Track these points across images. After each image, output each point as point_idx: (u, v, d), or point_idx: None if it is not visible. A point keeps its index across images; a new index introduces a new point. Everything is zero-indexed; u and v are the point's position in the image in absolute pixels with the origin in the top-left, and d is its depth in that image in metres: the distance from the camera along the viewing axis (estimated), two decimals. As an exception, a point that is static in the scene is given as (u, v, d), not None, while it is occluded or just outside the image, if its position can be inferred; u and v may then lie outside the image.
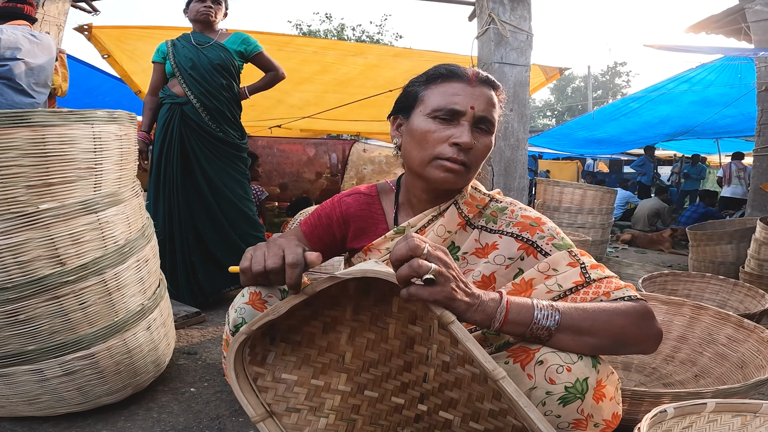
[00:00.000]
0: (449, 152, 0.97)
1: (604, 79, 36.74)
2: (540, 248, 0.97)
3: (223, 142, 2.59)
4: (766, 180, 4.58)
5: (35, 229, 1.23)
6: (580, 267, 0.93)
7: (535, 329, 0.78)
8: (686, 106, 7.02)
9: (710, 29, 5.25)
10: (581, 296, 0.89)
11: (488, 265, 0.98)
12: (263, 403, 0.82)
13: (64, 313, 1.31)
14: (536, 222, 1.00)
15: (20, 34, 2.66)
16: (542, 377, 0.77)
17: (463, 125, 0.96)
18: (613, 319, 0.82)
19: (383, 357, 0.87)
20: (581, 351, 0.79)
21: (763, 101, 4.67)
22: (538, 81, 5.54)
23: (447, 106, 0.97)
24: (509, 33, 3.30)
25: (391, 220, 1.11)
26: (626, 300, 0.88)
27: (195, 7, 2.58)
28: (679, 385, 1.62)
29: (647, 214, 7.04)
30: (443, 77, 1.00)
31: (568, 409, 0.76)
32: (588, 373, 0.78)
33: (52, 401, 1.38)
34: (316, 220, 1.15)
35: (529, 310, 0.78)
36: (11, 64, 2.60)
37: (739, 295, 2.51)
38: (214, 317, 2.48)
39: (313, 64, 4.99)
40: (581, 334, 0.79)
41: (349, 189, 1.19)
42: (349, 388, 0.88)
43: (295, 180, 6.97)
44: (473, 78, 1.00)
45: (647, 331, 0.86)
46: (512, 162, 3.47)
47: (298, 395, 0.85)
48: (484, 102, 0.98)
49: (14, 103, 2.63)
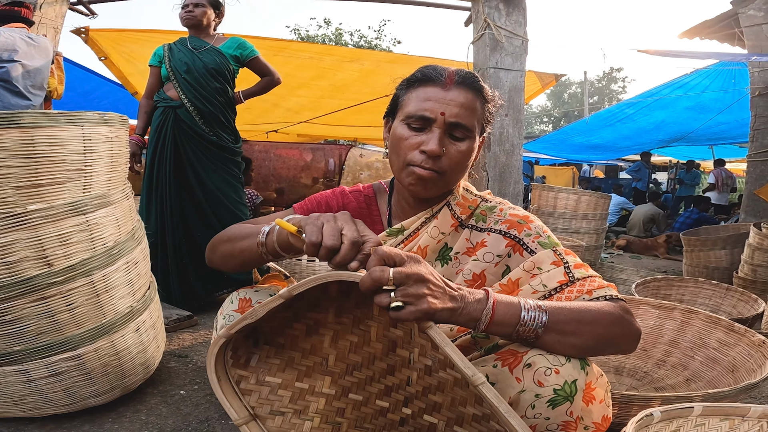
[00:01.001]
0: (418, 159, 0.95)
1: (600, 85, 36.95)
2: (526, 246, 0.97)
3: (216, 146, 2.59)
4: (759, 186, 4.60)
5: (23, 229, 1.22)
6: (564, 266, 0.93)
7: (521, 330, 0.77)
8: (681, 111, 7.07)
9: (704, 34, 5.29)
10: (566, 295, 0.90)
11: (477, 262, 0.98)
12: (246, 406, 0.81)
13: (52, 314, 1.31)
14: (524, 220, 1.00)
15: (17, 37, 2.66)
16: (531, 380, 0.77)
17: (434, 132, 0.94)
18: (597, 319, 0.82)
19: (366, 360, 0.86)
20: (566, 352, 0.79)
21: (756, 106, 4.68)
22: (535, 88, 5.56)
23: (417, 112, 0.95)
24: (504, 38, 3.32)
25: (385, 221, 1.11)
26: (606, 299, 0.88)
27: (180, 13, 2.61)
28: (670, 389, 1.61)
29: (642, 220, 7.06)
30: (419, 81, 0.99)
31: (557, 412, 0.76)
32: (576, 375, 0.78)
33: (39, 402, 1.37)
34: (314, 205, 1.11)
35: (516, 311, 0.77)
36: (8, 66, 2.60)
37: (732, 299, 2.51)
38: (206, 321, 2.47)
39: (309, 69, 5.00)
40: (566, 335, 0.79)
41: (351, 186, 1.17)
42: (334, 391, 0.87)
43: (291, 185, 6.98)
44: (449, 81, 0.96)
45: (628, 331, 0.86)
46: (507, 167, 3.48)
47: (282, 398, 0.84)
48: (456, 107, 0.94)
49: (10, 106, 2.62)
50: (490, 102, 1.02)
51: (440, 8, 3.91)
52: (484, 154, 3.44)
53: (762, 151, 4.63)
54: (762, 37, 4.46)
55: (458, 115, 0.94)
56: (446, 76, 0.97)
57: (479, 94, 0.99)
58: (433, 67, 1.00)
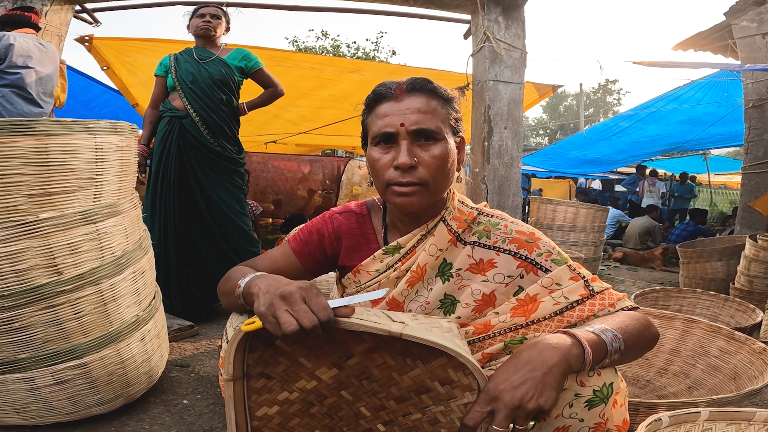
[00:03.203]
0: (395, 176, 0.95)
1: (596, 97, 37.29)
2: (540, 265, 0.98)
3: (220, 157, 2.61)
4: (755, 198, 4.62)
5: (34, 238, 1.23)
6: (583, 280, 0.96)
7: (607, 363, 0.81)
8: (675, 125, 7.15)
9: (698, 46, 5.33)
10: (588, 307, 0.93)
11: (487, 283, 0.98)
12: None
13: (59, 322, 1.31)
14: (531, 238, 1.01)
15: (31, 43, 2.67)
16: (573, 379, 0.78)
17: (401, 145, 0.94)
18: (643, 335, 0.87)
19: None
20: (619, 365, 0.84)
21: (750, 118, 4.70)
22: (531, 98, 5.63)
23: (380, 131, 0.95)
24: (504, 51, 3.37)
25: (381, 239, 1.10)
26: (628, 310, 0.93)
27: (195, 22, 2.63)
28: (672, 396, 1.63)
29: (638, 233, 7.11)
30: (374, 101, 0.99)
31: (593, 413, 0.77)
32: (613, 379, 0.80)
33: (42, 410, 1.37)
34: (306, 236, 1.11)
35: (603, 346, 0.80)
36: (23, 73, 2.60)
37: (730, 309, 2.54)
38: (207, 330, 2.46)
39: (310, 79, 5.05)
40: (625, 355, 0.83)
41: (340, 206, 1.16)
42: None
43: (289, 197, 6.96)
44: (399, 92, 0.96)
45: (654, 336, 0.91)
46: (506, 180, 3.50)
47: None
48: (413, 114, 0.94)
49: (23, 113, 2.61)
50: (450, 100, 1.01)
51: (440, 21, 3.96)
52: (483, 167, 3.47)
53: (756, 163, 4.65)
54: (755, 48, 4.51)
55: (418, 121, 0.94)
56: (396, 88, 0.97)
57: (434, 95, 0.98)
58: (384, 83, 1.00)
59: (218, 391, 1.76)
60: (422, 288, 1.01)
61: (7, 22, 2.72)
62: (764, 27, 4.43)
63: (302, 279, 1.10)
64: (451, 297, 1.00)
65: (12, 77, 2.57)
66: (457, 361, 0.73)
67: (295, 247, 1.10)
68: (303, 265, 1.09)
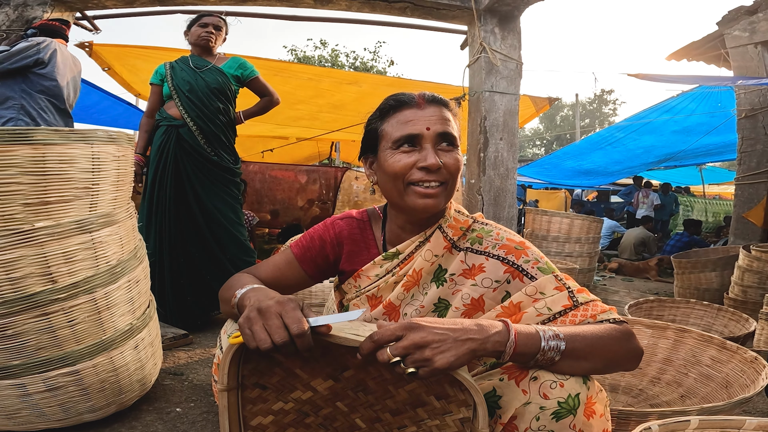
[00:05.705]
0: (418, 176, 0.99)
1: (592, 108, 37.52)
2: (526, 272, 1.00)
3: (217, 166, 2.62)
4: (748, 208, 4.64)
5: (29, 246, 1.24)
6: (567, 291, 0.96)
7: (540, 359, 0.81)
8: (669, 135, 7.20)
9: (691, 56, 5.36)
10: (570, 318, 0.92)
11: (476, 287, 1.00)
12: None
13: (52, 329, 1.31)
14: (520, 246, 1.03)
15: (68, 55, 2.72)
16: (536, 392, 0.80)
17: (426, 148, 0.99)
18: (607, 344, 0.86)
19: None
20: (577, 374, 0.83)
21: (743, 128, 4.71)
22: (529, 113, 5.67)
23: (405, 134, 0.99)
24: (500, 61, 3.40)
25: (380, 246, 1.14)
26: (610, 322, 0.92)
27: (197, 31, 2.62)
28: (665, 405, 1.63)
29: (633, 243, 7.14)
30: (394, 108, 1.03)
31: (561, 425, 0.78)
32: (579, 389, 0.80)
33: (32, 416, 1.37)
34: (308, 242, 1.14)
35: (536, 341, 0.80)
36: (61, 83, 2.62)
37: (724, 319, 2.55)
38: (201, 339, 2.46)
39: (308, 89, 5.09)
40: (579, 360, 0.83)
41: (341, 213, 1.20)
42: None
43: (286, 207, 6.96)
44: (421, 101, 1.02)
45: (633, 352, 0.90)
46: (502, 191, 3.51)
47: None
48: (438, 120, 1.00)
49: (57, 124, 2.63)
50: (456, 115, 1.08)
51: (437, 32, 4.00)
52: (479, 178, 3.49)
53: (750, 174, 4.67)
54: (747, 58, 4.53)
55: (442, 126, 1.00)
56: (417, 98, 1.03)
57: (448, 107, 1.05)
58: (401, 93, 1.05)
59: (212, 399, 1.75)
60: (418, 292, 1.05)
61: (46, 31, 2.73)
62: (756, 36, 4.46)
63: (304, 284, 1.15)
64: (445, 301, 1.02)
65: (49, 83, 2.58)
66: (452, 376, 0.74)
67: (298, 253, 1.13)
68: (305, 270, 1.12)
